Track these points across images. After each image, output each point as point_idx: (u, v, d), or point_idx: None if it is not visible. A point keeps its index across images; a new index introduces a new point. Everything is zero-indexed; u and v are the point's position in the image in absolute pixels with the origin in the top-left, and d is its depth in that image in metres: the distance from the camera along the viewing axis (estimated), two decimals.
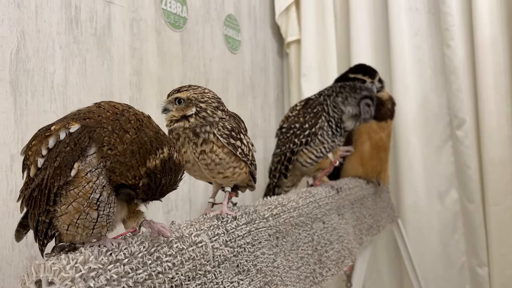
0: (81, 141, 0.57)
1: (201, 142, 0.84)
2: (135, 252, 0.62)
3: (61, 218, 0.60)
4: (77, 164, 0.57)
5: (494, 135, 1.78)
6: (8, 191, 0.92)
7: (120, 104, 0.64)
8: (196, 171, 0.89)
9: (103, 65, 1.17)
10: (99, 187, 0.58)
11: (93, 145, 0.58)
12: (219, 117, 0.86)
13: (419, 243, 1.91)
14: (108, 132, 0.60)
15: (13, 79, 0.94)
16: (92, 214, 0.59)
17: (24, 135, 0.96)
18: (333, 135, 1.33)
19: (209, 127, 0.84)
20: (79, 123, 0.59)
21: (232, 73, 1.76)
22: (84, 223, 0.60)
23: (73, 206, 0.58)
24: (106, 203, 0.60)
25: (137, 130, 0.61)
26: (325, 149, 1.33)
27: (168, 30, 1.41)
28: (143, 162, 0.60)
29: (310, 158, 1.33)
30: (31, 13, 0.99)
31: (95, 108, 0.63)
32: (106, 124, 0.60)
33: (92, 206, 0.59)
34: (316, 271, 1.11)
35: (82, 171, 0.57)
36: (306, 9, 2.07)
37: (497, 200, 1.78)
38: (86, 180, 0.58)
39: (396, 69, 1.93)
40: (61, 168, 0.57)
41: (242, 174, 0.91)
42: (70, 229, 0.60)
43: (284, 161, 1.35)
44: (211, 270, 0.76)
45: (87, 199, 0.58)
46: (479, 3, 1.77)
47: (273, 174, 1.40)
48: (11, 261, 0.92)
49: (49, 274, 0.53)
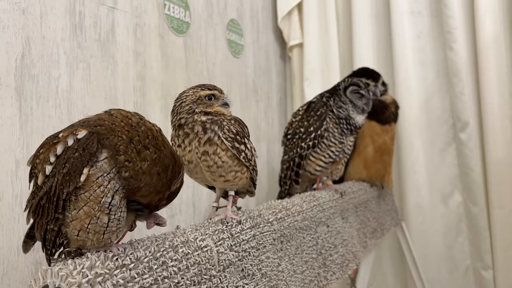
0: (89, 147, 0.58)
1: (205, 141, 0.83)
2: (141, 257, 0.63)
3: (72, 224, 0.60)
4: (87, 169, 0.57)
5: (498, 137, 1.77)
6: (13, 196, 0.92)
7: (131, 114, 0.64)
8: (197, 173, 0.88)
9: (107, 70, 1.17)
10: (110, 191, 0.59)
11: (104, 151, 0.58)
12: (227, 119, 0.87)
13: (423, 246, 1.91)
14: (124, 141, 0.60)
15: (18, 85, 0.95)
16: (103, 219, 0.60)
17: (29, 141, 0.96)
18: (342, 135, 1.32)
19: (217, 127, 0.84)
20: (87, 129, 0.59)
21: (235, 77, 1.76)
22: (94, 228, 0.60)
23: (84, 211, 0.59)
24: (118, 207, 0.60)
25: (156, 148, 0.62)
26: (333, 152, 1.32)
27: (172, 35, 1.42)
28: (168, 186, 0.62)
29: (318, 165, 1.32)
30: (36, 19, 0.99)
31: (106, 116, 0.63)
32: (120, 133, 0.60)
33: (104, 210, 0.59)
34: (320, 274, 1.11)
35: (93, 176, 0.58)
36: (308, 12, 2.08)
37: (501, 202, 1.77)
38: (97, 184, 0.58)
39: (399, 72, 1.93)
40: (70, 174, 0.57)
41: (243, 179, 0.90)
42: (80, 234, 0.60)
43: (294, 166, 1.34)
44: (216, 274, 0.76)
45: (98, 203, 0.58)
46: (481, 5, 1.77)
47: (284, 182, 1.40)
48: (17, 266, 0.92)
49: (56, 279, 0.53)
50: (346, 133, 1.33)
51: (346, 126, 1.32)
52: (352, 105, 1.34)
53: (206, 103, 0.86)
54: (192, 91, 0.86)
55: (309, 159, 1.32)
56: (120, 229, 0.63)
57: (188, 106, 0.85)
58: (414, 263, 1.80)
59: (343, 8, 2.10)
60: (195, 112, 0.84)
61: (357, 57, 2.00)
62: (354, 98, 1.35)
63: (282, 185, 1.41)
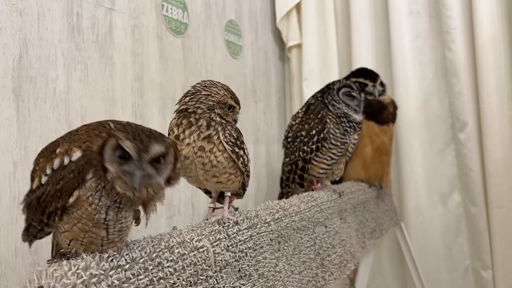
0: (83, 170, 0.57)
1: (204, 136, 0.83)
2: (136, 258, 0.63)
3: (64, 234, 0.60)
4: (77, 192, 0.57)
5: (497, 137, 1.77)
6: (11, 198, 0.92)
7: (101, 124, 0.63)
8: (192, 171, 0.86)
9: (105, 72, 1.18)
10: (103, 207, 0.58)
11: (91, 169, 0.57)
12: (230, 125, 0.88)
13: (422, 247, 1.91)
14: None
15: (15, 86, 0.95)
16: (101, 233, 0.60)
17: (27, 142, 0.96)
18: (345, 134, 1.31)
19: (220, 128, 0.84)
20: (80, 149, 0.58)
21: (233, 78, 1.77)
22: (90, 240, 0.60)
23: (77, 227, 0.59)
24: (116, 220, 0.60)
25: None
26: (335, 154, 1.32)
27: (170, 36, 1.42)
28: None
29: (322, 168, 1.32)
30: (33, 21, 1.00)
31: (100, 128, 0.61)
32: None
33: (100, 226, 0.59)
34: (318, 275, 1.11)
35: (83, 196, 0.57)
36: (307, 13, 2.08)
37: (500, 202, 1.77)
38: (88, 203, 0.58)
39: (398, 72, 1.93)
40: (61, 192, 0.57)
41: (235, 183, 0.90)
42: (72, 244, 0.60)
43: (297, 170, 1.34)
44: (212, 275, 0.76)
45: (91, 220, 0.58)
46: (480, 5, 1.77)
47: (286, 184, 1.40)
48: (14, 267, 0.92)
49: (51, 280, 0.53)
50: (349, 132, 1.32)
51: (348, 124, 1.32)
52: (345, 105, 1.35)
53: (225, 110, 0.88)
54: (223, 93, 0.88)
55: (312, 163, 1.32)
56: (124, 237, 0.63)
57: (212, 103, 0.86)
58: (414, 263, 1.80)
59: (342, 9, 2.10)
60: (214, 111, 0.85)
61: (356, 58, 2.00)
62: (346, 100, 1.36)
63: (284, 187, 1.41)
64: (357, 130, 1.37)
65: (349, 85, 1.37)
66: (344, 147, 1.32)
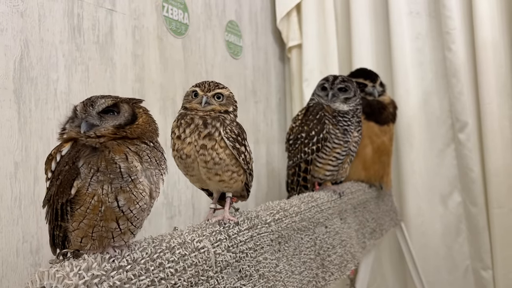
0: (75, 159, 0.60)
1: (204, 135, 0.84)
2: (137, 259, 0.63)
3: (74, 233, 0.61)
4: (76, 182, 0.59)
5: (497, 137, 1.78)
6: (12, 198, 0.93)
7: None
8: (194, 170, 0.87)
9: (105, 73, 1.18)
10: (109, 194, 0.59)
11: (82, 157, 0.60)
12: (229, 119, 0.88)
13: (422, 247, 1.91)
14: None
15: (16, 87, 0.95)
16: (111, 225, 0.61)
17: (28, 143, 0.96)
18: (345, 134, 1.31)
19: (219, 124, 0.85)
20: (68, 144, 0.63)
21: (234, 79, 1.77)
22: (101, 234, 0.61)
23: (84, 223, 0.60)
24: (135, 198, 0.62)
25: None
26: (339, 154, 1.31)
27: (170, 36, 1.42)
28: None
29: (328, 170, 1.32)
30: (34, 22, 1.00)
31: None
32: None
33: (110, 217, 0.60)
34: (319, 275, 1.11)
35: (83, 188, 0.59)
36: (307, 13, 2.08)
37: (500, 202, 1.77)
38: (90, 196, 0.59)
39: (398, 72, 1.93)
40: (63, 186, 0.60)
41: (238, 182, 0.90)
42: (84, 241, 0.61)
43: (300, 172, 1.34)
44: (213, 275, 0.76)
45: (97, 213, 0.59)
46: (480, 6, 1.77)
47: (291, 187, 1.40)
48: (16, 268, 0.92)
49: (53, 281, 0.53)
50: (349, 130, 1.32)
51: (344, 122, 1.32)
52: (318, 96, 1.38)
53: (189, 98, 0.90)
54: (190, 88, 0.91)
55: (316, 166, 1.32)
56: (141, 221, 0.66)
57: (185, 100, 0.90)
58: (414, 263, 1.80)
59: (342, 9, 2.10)
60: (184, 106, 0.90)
61: (356, 58, 2.00)
62: (320, 92, 1.38)
63: (290, 190, 1.42)
64: (358, 127, 1.36)
65: (326, 78, 1.39)
66: (347, 145, 1.32)
